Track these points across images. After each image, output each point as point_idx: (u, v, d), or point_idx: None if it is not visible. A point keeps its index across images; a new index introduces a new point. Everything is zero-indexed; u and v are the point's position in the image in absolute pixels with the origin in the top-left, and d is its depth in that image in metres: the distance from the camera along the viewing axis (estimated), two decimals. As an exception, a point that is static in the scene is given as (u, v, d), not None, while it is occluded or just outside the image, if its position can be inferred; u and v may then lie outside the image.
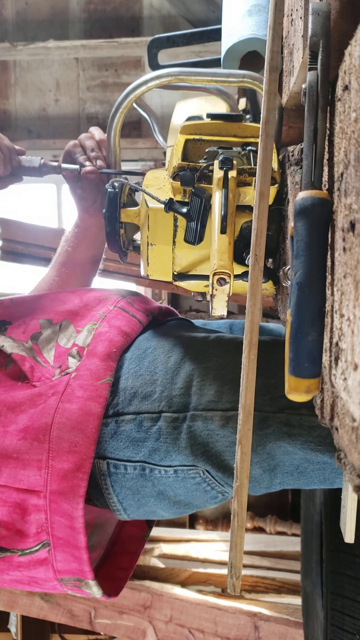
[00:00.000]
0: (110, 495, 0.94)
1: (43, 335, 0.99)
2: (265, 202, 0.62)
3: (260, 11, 0.98)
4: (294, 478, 0.89)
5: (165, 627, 2.13)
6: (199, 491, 0.92)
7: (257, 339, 0.64)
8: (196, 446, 0.88)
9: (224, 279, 0.74)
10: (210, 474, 0.89)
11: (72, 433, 0.87)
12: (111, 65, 3.68)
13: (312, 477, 0.89)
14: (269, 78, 0.62)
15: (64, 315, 1.01)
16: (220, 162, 0.79)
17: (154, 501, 0.93)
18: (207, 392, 0.90)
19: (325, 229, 0.51)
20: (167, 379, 0.92)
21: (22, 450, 0.89)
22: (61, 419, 0.88)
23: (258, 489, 0.91)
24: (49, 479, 0.88)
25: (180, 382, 0.91)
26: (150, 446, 0.90)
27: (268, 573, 2.34)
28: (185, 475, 0.90)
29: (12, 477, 0.89)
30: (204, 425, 0.88)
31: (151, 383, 0.92)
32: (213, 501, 0.94)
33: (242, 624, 2.05)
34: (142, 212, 0.88)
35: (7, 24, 3.77)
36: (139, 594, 2.19)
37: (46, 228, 3.23)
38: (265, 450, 0.86)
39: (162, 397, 0.91)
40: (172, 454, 0.89)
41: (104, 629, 2.23)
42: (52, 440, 0.88)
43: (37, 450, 0.88)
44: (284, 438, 0.85)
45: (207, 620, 2.09)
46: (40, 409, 0.89)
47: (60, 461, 0.87)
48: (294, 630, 1.98)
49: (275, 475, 0.89)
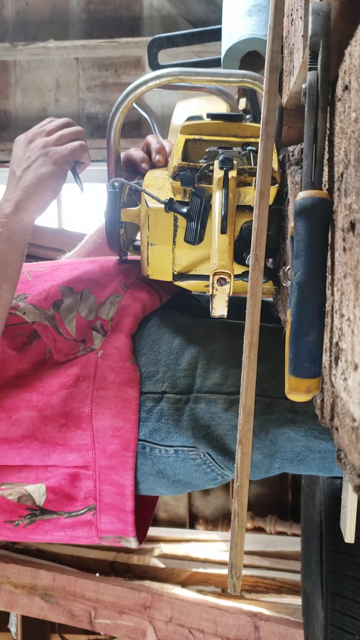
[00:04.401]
0: None
1: (65, 303, 0.95)
2: (266, 202, 0.62)
3: (260, 11, 0.98)
4: (294, 465, 0.89)
5: (165, 627, 2.13)
6: (199, 472, 0.92)
7: (257, 339, 0.64)
8: (198, 428, 0.88)
9: (224, 278, 0.74)
10: (211, 456, 0.89)
11: (114, 420, 0.89)
12: (111, 65, 3.68)
13: (311, 465, 0.89)
14: (269, 78, 0.62)
15: (85, 283, 0.98)
16: (221, 162, 0.79)
17: (153, 479, 0.94)
18: (212, 375, 0.90)
19: (325, 229, 0.51)
20: (172, 359, 0.91)
21: (67, 437, 0.89)
22: (99, 407, 0.89)
23: (257, 474, 0.91)
24: (97, 457, 0.89)
25: (184, 364, 0.91)
26: (151, 426, 0.90)
27: (268, 573, 2.34)
28: (186, 456, 0.90)
29: (61, 460, 0.90)
30: (207, 407, 0.88)
31: (155, 363, 0.91)
32: (212, 482, 0.94)
33: (242, 624, 2.05)
34: (142, 212, 0.88)
35: (7, 24, 3.77)
36: (139, 594, 2.19)
37: (46, 228, 3.22)
38: (267, 437, 0.87)
39: (165, 377, 0.90)
40: (173, 434, 0.89)
41: (104, 629, 2.23)
42: (95, 428, 0.89)
43: (81, 437, 0.89)
44: (288, 424, 0.86)
45: (207, 620, 2.09)
46: (75, 395, 0.89)
47: (106, 444, 0.89)
48: (294, 630, 1.98)
49: (274, 460, 0.89)
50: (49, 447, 0.90)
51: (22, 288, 0.97)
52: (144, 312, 0.96)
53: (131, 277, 1.01)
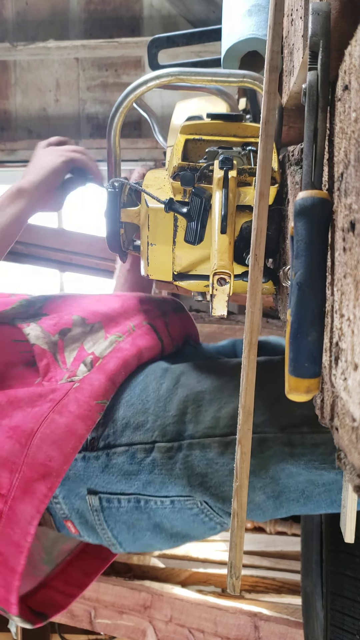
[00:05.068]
0: (105, 530, 0.91)
1: (72, 332, 0.96)
2: (265, 202, 0.62)
3: (260, 11, 0.98)
4: (300, 504, 0.85)
5: (165, 627, 2.13)
6: (197, 522, 0.88)
7: (257, 339, 0.64)
8: (193, 477, 0.85)
9: (224, 279, 0.73)
10: (209, 504, 0.86)
11: (51, 447, 0.85)
12: (111, 65, 3.68)
13: (319, 502, 0.85)
14: (269, 78, 0.62)
15: (99, 317, 0.99)
16: (220, 162, 0.79)
17: (150, 534, 0.90)
18: (204, 418, 0.86)
19: (325, 229, 0.51)
20: (160, 407, 0.89)
21: (4, 449, 0.87)
22: (46, 429, 0.86)
23: (262, 517, 0.87)
24: (16, 484, 0.85)
25: (173, 410, 0.88)
26: (144, 479, 0.87)
27: (268, 573, 2.34)
28: (183, 506, 0.87)
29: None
30: (202, 454, 0.85)
31: (143, 412, 0.89)
32: (211, 532, 0.90)
33: (242, 624, 2.05)
34: (142, 212, 0.88)
35: (7, 24, 3.77)
36: (139, 594, 2.19)
37: (46, 228, 3.22)
38: (268, 474, 0.83)
39: (154, 426, 0.88)
40: (167, 485, 0.86)
41: (104, 629, 2.23)
42: (32, 447, 0.85)
43: (16, 452, 0.86)
44: (287, 459, 0.82)
45: (207, 620, 2.09)
46: (34, 412, 0.88)
47: (31, 470, 0.85)
48: (294, 630, 1.97)
49: (281, 505, 0.85)
50: None
51: (47, 307, 1.01)
52: (138, 358, 0.95)
53: (146, 319, 1.02)
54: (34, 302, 1.04)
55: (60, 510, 0.91)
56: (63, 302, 1.04)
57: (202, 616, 2.10)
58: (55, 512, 0.92)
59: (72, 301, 1.04)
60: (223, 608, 2.10)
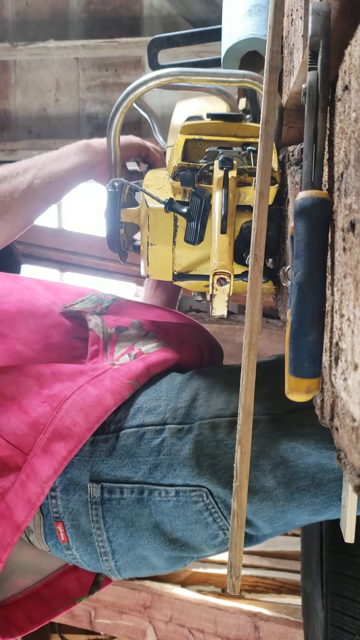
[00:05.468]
0: (100, 531, 0.89)
1: (128, 331, 1.02)
2: (265, 202, 0.62)
3: (260, 11, 0.98)
4: (312, 495, 0.84)
5: (165, 627, 2.13)
6: (199, 523, 0.87)
7: (257, 339, 0.64)
8: (203, 457, 0.85)
9: (224, 279, 0.73)
10: (213, 497, 0.86)
11: (79, 413, 0.88)
12: (111, 65, 3.68)
13: (330, 492, 0.84)
14: (268, 78, 0.62)
15: (156, 327, 1.04)
16: (220, 162, 0.79)
17: (147, 537, 0.89)
18: (215, 402, 0.88)
19: (325, 229, 0.51)
20: (173, 394, 0.91)
21: (37, 411, 0.89)
22: (77, 397, 0.89)
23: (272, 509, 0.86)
24: (40, 444, 0.87)
25: (185, 396, 0.90)
26: (152, 462, 0.87)
27: (268, 573, 2.34)
28: (187, 499, 0.86)
29: (15, 428, 0.89)
30: (212, 434, 0.85)
31: (156, 399, 0.91)
32: (212, 542, 0.90)
33: (242, 624, 2.05)
34: (142, 212, 0.88)
35: (7, 24, 3.77)
36: (139, 594, 2.19)
37: (46, 228, 3.23)
38: (278, 453, 0.83)
39: (166, 409, 0.89)
40: (175, 467, 0.86)
41: (104, 629, 2.23)
42: (61, 410, 0.88)
43: (47, 415, 0.88)
44: (297, 438, 0.83)
45: (207, 620, 2.09)
46: (72, 384, 0.91)
47: (55, 431, 0.87)
48: (294, 630, 1.98)
49: (292, 496, 0.84)
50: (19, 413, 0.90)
51: (113, 309, 1.06)
52: (177, 364, 1.00)
53: (196, 342, 1.07)
54: (103, 300, 1.08)
55: (54, 507, 0.90)
56: (128, 307, 1.08)
57: (202, 616, 2.10)
58: (49, 511, 0.91)
59: (136, 308, 1.09)
60: (223, 608, 2.10)
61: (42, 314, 1.00)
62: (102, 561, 0.91)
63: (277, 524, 0.89)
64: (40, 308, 1.01)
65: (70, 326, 1.02)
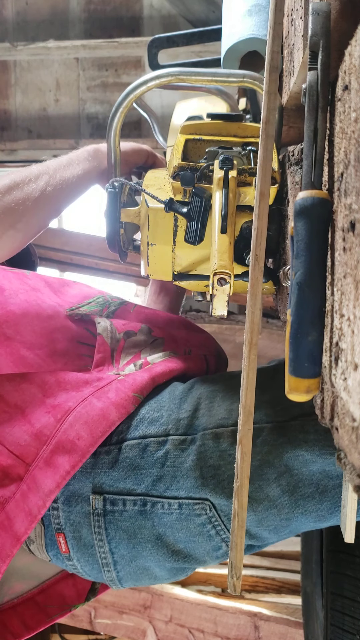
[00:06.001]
0: (102, 542, 0.88)
1: (136, 337, 1.00)
2: (266, 202, 0.62)
3: (260, 11, 0.98)
4: (316, 501, 0.84)
5: (165, 627, 2.13)
6: (202, 536, 0.87)
7: (257, 339, 0.64)
8: (206, 469, 0.84)
9: (224, 278, 0.73)
10: (217, 510, 0.85)
11: (83, 427, 0.87)
12: (111, 65, 3.68)
13: (334, 498, 0.84)
14: (269, 78, 0.62)
15: (164, 334, 1.04)
16: (221, 162, 0.79)
17: (150, 549, 0.88)
18: (217, 411, 0.87)
19: (325, 229, 0.51)
20: (174, 404, 0.90)
21: (40, 421, 0.89)
22: (82, 410, 0.88)
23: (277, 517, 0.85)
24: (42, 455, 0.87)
25: (187, 406, 0.89)
26: (155, 474, 0.86)
27: (268, 573, 2.34)
28: (190, 512, 0.85)
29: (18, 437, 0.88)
30: (215, 445, 0.85)
31: (158, 409, 0.90)
32: (214, 553, 0.89)
33: (242, 624, 2.05)
34: (142, 212, 0.88)
35: (7, 24, 3.77)
36: (139, 593, 2.19)
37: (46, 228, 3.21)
38: (282, 462, 0.83)
39: (169, 420, 0.88)
40: (179, 479, 0.85)
41: (104, 629, 2.23)
42: (65, 422, 0.88)
43: (50, 426, 0.88)
44: (301, 445, 0.82)
45: (207, 620, 2.09)
46: (76, 395, 0.90)
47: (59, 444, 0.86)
48: (294, 630, 1.98)
49: (297, 503, 0.84)
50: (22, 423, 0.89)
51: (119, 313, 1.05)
52: (184, 374, 0.99)
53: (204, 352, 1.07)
54: (110, 304, 1.07)
55: (56, 519, 0.90)
56: (135, 312, 1.07)
57: (202, 616, 2.10)
58: (50, 522, 0.90)
59: (143, 314, 1.08)
60: (223, 608, 2.10)
61: (47, 316, 0.99)
62: (104, 572, 0.91)
63: (282, 532, 0.88)
64: (46, 310, 1.00)
65: (76, 330, 1.01)
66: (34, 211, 0.94)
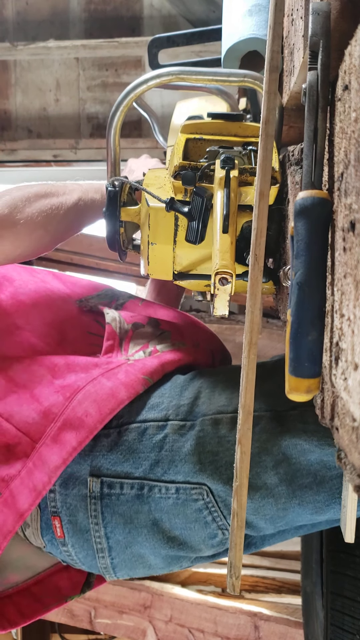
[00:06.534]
0: (98, 527, 0.88)
1: (144, 329, 1.03)
2: (266, 202, 0.62)
3: (260, 11, 0.98)
4: (314, 492, 0.84)
5: (165, 626, 2.13)
6: (199, 522, 0.87)
7: (257, 338, 0.64)
8: (205, 454, 0.85)
9: (226, 278, 0.73)
10: (214, 495, 0.85)
11: (92, 404, 0.88)
12: (111, 65, 3.68)
13: (332, 489, 0.84)
14: (269, 78, 0.62)
15: (171, 327, 1.05)
16: (222, 162, 0.79)
17: (146, 535, 0.88)
18: (217, 400, 0.88)
19: (325, 228, 0.51)
20: (175, 392, 0.92)
21: (49, 400, 0.89)
22: (91, 388, 0.89)
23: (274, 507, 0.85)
24: (49, 433, 0.87)
25: (188, 394, 0.91)
26: (153, 458, 0.87)
27: (268, 573, 2.34)
28: (187, 497, 0.86)
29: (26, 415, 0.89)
30: (214, 431, 0.85)
31: (159, 396, 0.92)
32: (210, 542, 0.89)
33: (242, 623, 2.05)
34: (142, 211, 0.88)
35: (8, 24, 3.77)
36: (139, 593, 2.19)
37: (46, 228, 3.22)
38: (280, 450, 0.83)
39: (169, 406, 0.90)
40: (177, 464, 0.86)
41: (104, 629, 2.23)
42: (74, 400, 0.88)
43: (59, 404, 0.89)
44: (300, 435, 0.83)
45: (207, 620, 2.09)
46: (85, 376, 0.92)
47: (66, 421, 0.87)
48: (294, 630, 1.97)
49: (294, 493, 0.84)
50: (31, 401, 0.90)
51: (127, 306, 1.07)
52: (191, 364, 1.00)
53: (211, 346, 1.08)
54: (118, 296, 1.09)
55: (52, 502, 0.90)
56: (144, 305, 1.09)
57: (202, 616, 2.10)
58: (46, 505, 0.90)
59: (151, 308, 1.09)
60: (223, 608, 2.10)
61: (57, 307, 1.02)
62: (98, 558, 0.91)
63: (279, 523, 0.88)
64: (56, 301, 1.02)
65: (86, 321, 1.03)
66: (64, 219, 0.98)
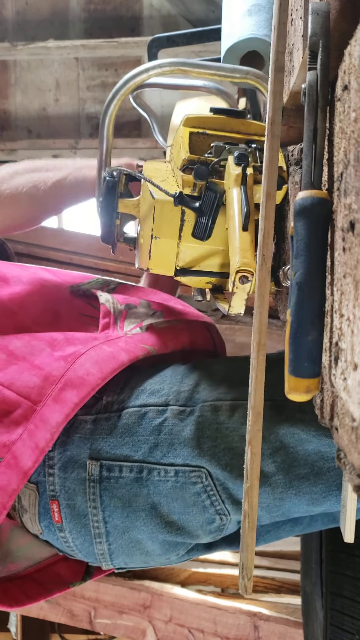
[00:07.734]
0: (96, 511, 0.89)
1: (137, 309, 1.06)
2: (272, 203, 0.62)
3: (260, 11, 0.98)
4: (311, 483, 0.85)
5: (165, 626, 2.13)
6: (197, 506, 0.87)
7: (265, 340, 0.63)
8: (204, 439, 0.86)
9: (247, 277, 0.72)
10: (212, 479, 0.85)
11: (93, 365, 0.90)
12: (111, 65, 3.68)
13: (329, 482, 0.84)
14: (274, 78, 0.62)
15: (163, 308, 1.08)
16: (236, 158, 0.78)
17: (144, 519, 0.88)
18: (216, 388, 0.90)
19: (325, 228, 0.51)
20: (176, 379, 0.92)
21: (51, 366, 0.91)
22: (92, 352, 0.91)
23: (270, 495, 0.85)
24: (51, 394, 0.88)
25: (189, 381, 0.92)
26: (153, 441, 0.87)
27: (268, 573, 2.34)
28: (186, 480, 0.86)
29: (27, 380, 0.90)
30: (213, 417, 0.86)
31: (160, 382, 0.92)
32: (208, 526, 0.89)
33: (241, 623, 2.05)
34: (144, 203, 0.86)
35: (7, 24, 3.77)
36: (139, 593, 2.19)
37: (46, 228, 3.22)
38: (278, 438, 0.84)
39: (170, 392, 0.90)
40: (176, 447, 0.86)
41: (103, 629, 2.23)
42: (75, 363, 0.90)
43: (60, 368, 0.90)
44: (298, 424, 0.83)
45: (206, 620, 2.09)
46: (86, 346, 0.94)
47: (67, 381, 0.88)
48: (294, 630, 1.97)
49: (291, 483, 0.84)
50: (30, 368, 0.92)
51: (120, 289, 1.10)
52: (190, 342, 1.03)
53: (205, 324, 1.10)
54: (109, 282, 1.12)
55: (51, 485, 0.90)
56: (135, 289, 1.12)
57: (202, 616, 2.10)
58: (45, 489, 0.90)
59: (142, 292, 1.13)
60: (223, 608, 2.10)
61: (50, 293, 1.04)
62: (95, 544, 0.91)
63: (275, 512, 0.89)
64: (49, 288, 1.05)
65: (80, 304, 1.05)
66: (50, 191, 1.04)
